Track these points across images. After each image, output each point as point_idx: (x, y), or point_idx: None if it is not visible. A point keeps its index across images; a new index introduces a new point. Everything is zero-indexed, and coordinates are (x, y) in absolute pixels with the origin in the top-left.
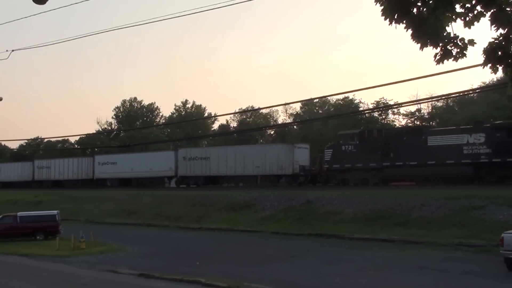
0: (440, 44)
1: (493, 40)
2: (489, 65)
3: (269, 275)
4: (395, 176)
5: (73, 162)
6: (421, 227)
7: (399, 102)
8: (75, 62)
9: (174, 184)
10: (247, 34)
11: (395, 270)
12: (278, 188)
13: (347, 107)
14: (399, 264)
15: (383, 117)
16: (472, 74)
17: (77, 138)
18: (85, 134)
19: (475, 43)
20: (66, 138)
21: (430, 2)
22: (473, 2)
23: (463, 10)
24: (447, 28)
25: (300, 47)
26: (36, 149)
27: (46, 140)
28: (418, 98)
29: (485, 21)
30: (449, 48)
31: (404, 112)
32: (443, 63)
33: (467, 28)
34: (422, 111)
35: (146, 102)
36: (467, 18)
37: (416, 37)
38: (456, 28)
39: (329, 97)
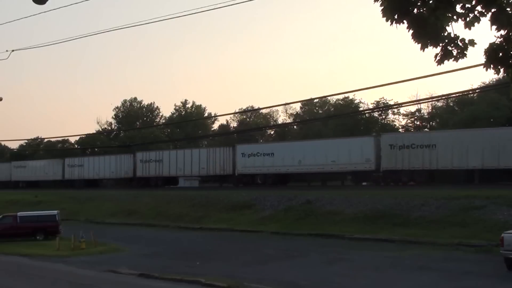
0: (441, 45)
1: (493, 41)
2: (491, 66)
3: (269, 275)
4: None
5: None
6: (421, 227)
7: (399, 102)
8: (75, 62)
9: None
10: (247, 34)
11: (395, 270)
12: (278, 188)
13: (347, 107)
14: (399, 264)
15: (383, 117)
16: (472, 74)
17: (77, 138)
18: (85, 134)
19: (476, 43)
20: (66, 138)
21: (430, 2)
22: (474, 2)
23: (463, 11)
24: (447, 28)
25: (300, 47)
26: (36, 149)
27: (46, 140)
28: (418, 98)
29: (486, 21)
30: (450, 48)
31: (404, 112)
32: (443, 63)
33: (467, 28)
34: (422, 111)
35: (146, 102)
36: (468, 19)
37: (416, 37)
38: (456, 28)
39: (329, 97)
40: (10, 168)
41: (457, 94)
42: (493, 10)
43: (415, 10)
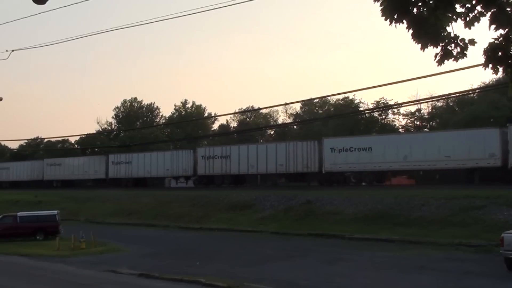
0: (441, 44)
1: (493, 40)
2: (490, 65)
3: (269, 275)
4: None
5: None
6: (421, 227)
7: (399, 102)
8: (75, 62)
9: None
10: (247, 34)
11: (395, 270)
12: (278, 188)
13: (347, 107)
14: (399, 264)
15: (383, 117)
16: (472, 74)
17: (77, 138)
18: (85, 134)
19: (476, 43)
20: (66, 138)
21: (430, 2)
22: (473, 2)
23: (463, 10)
24: (447, 28)
25: (300, 47)
26: (36, 149)
27: (46, 140)
28: (418, 98)
29: (486, 21)
30: (450, 48)
31: (404, 112)
32: (444, 63)
33: (467, 28)
34: (422, 111)
35: (146, 102)
36: (468, 18)
37: (416, 37)
38: (456, 28)
39: (329, 97)
40: (42, 166)
41: (457, 94)
42: (492, 10)
43: (415, 10)
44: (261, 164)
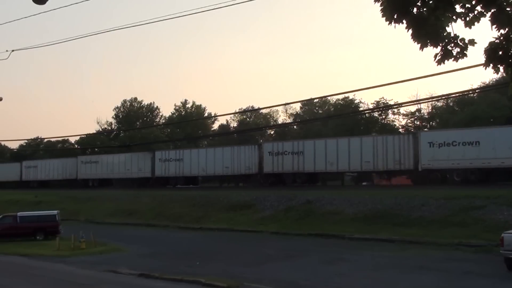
0: (441, 44)
1: (493, 40)
2: (490, 65)
3: (269, 275)
4: None
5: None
6: (421, 227)
7: (399, 102)
8: (75, 62)
9: None
10: (247, 34)
11: (395, 270)
12: (278, 188)
13: (347, 107)
14: (399, 264)
15: (383, 117)
16: (472, 74)
17: (77, 138)
18: (85, 134)
19: (476, 43)
20: (66, 138)
21: (430, 2)
22: (473, 2)
23: (463, 10)
24: (447, 28)
25: (300, 47)
26: (36, 149)
27: (46, 140)
28: (418, 98)
29: (486, 21)
30: (450, 48)
31: (404, 112)
32: (443, 63)
33: (467, 28)
34: (422, 111)
35: (146, 102)
36: (467, 18)
37: (416, 37)
38: (456, 28)
39: (329, 97)
40: (76, 164)
41: (457, 94)
42: (492, 10)
43: (415, 10)
44: (342, 161)
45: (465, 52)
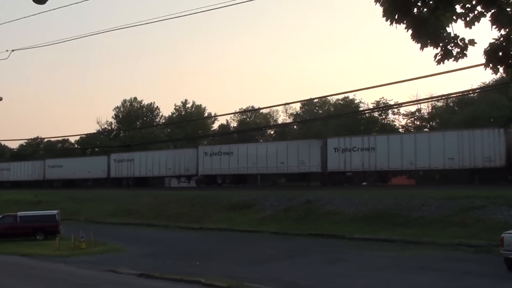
0: (441, 44)
1: (493, 40)
2: (490, 65)
3: (269, 275)
4: None
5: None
6: (421, 227)
7: (399, 102)
8: (75, 62)
9: None
10: (247, 34)
11: (395, 270)
12: (278, 188)
13: (347, 107)
14: (399, 264)
15: (383, 117)
16: (472, 74)
17: (77, 138)
18: (85, 134)
19: (476, 43)
20: (66, 138)
21: (431, 2)
22: (474, 2)
23: (463, 10)
24: (447, 28)
25: (300, 47)
26: (36, 149)
27: (46, 140)
28: (418, 98)
29: (486, 21)
30: (450, 48)
31: (404, 112)
32: (443, 63)
33: (467, 28)
34: (422, 111)
35: (146, 102)
36: (468, 18)
37: (416, 37)
38: (456, 28)
39: (329, 97)
40: (107, 162)
41: (457, 94)
42: (492, 10)
43: (415, 10)
44: (422, 157)
45: (465, 52)
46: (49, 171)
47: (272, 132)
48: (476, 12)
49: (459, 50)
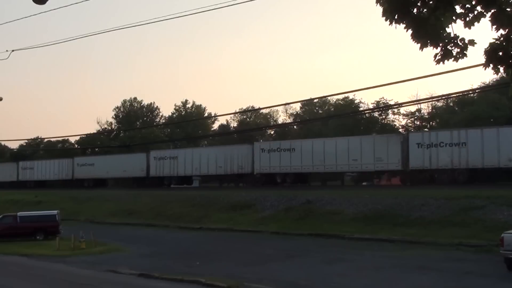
0: (440, 44)
1: (493, 40)
2: (491, 65)
3: (269, 275)
4: None
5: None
6: (421, 227)
7: (399, 102)
8: (75, 62)
9: None
10: (247, 34)
11: (395, 270)
12: (278, 188)
13: (347, 107)
14: (399, 264)
15: (383, 117)
16: (472, 74)
17: (77, 138)
18: (85, 134)
19: (476, 43)
20: (66, 138)
21: (430, 2)
22: (473, 2)
23: (463, 11)
24: (447, 28)
25: (300, 47)
26: (36, 149)
27: (46, 140)
28: (418, 98)
29: (486, 21)
30: (450, 48)
31: (404, 112)
32: (443, 63)
33: (467, 28)
34: (422, 111)
35: (146, 102)
36: (467, 19)
37: (416, 37)
38: (456, 28)
39: (329, 97)
40: (147, 160)
41: (457, 94)
42: (492, 10)
43: (415, 10)
44: (490, 156)
45: (465, 52)
46: (78, 169)
47: (272, 132)
48: (476, 12)
49: (459, 50)
